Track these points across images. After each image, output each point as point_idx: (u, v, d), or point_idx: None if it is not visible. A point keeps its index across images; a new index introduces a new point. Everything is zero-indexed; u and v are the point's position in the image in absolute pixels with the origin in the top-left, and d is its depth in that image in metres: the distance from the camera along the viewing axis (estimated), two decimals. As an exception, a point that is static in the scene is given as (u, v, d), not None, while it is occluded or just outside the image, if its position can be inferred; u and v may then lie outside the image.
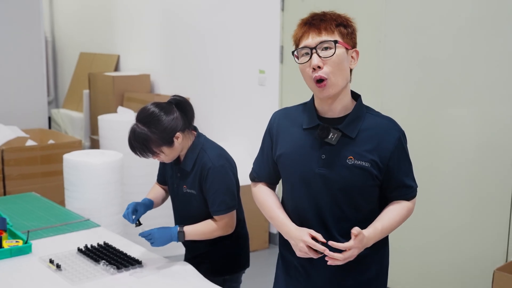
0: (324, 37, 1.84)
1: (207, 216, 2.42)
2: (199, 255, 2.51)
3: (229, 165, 2.42)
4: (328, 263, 1.83)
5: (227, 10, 5.26)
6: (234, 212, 2.42)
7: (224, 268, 2.53)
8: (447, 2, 3.45)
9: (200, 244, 2.48)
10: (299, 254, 1.91)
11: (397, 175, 1.94)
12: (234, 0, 5.17)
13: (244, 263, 2.60)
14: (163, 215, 2.73)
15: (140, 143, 2.33)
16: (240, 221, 2.54)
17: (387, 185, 1.95)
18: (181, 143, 2.39)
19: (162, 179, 2.65)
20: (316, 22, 1.87)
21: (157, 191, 2.66)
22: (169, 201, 2.66)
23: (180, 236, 2.37)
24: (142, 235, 2.37)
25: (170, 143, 2.35)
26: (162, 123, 2.32)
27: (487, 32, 3.28)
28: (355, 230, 1.81)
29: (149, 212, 2.62)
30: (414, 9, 3.62)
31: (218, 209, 2.37)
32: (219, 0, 5.35)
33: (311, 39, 1.85)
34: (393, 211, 1.96)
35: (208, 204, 2.40)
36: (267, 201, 2.07)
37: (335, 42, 1.84)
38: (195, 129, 2.48)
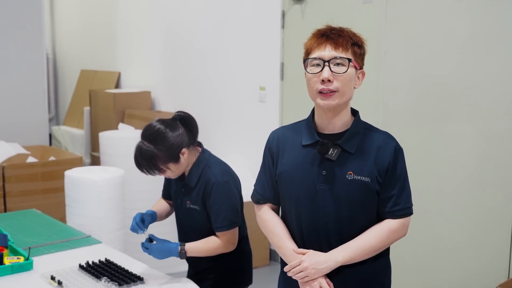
0: (340, 53, 1.86)
1: (210, 232, 2.42)
2: (202, 271, 2.51)
3: (233, 181, 2.42)
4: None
5: (228, 27, 5.29)
6: (237, 229, 2.42)
7: (227, 285, 2.52)
8: (446, 19, 3.48)
9: (203, 260, 2.47)
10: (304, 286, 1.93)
11: (388, 188, 1.93)
12: (234, 18, 5.21)
13: (246, 280, 2.59)
14: (168, 232, 2.72)
15: (146, 160, 2.34)
16: (244, 238, 2.54)
17: (379, 197, 1.94)
18: (187, 159, 2.39)
19: (167, 193, 2.65)
20: (334, 36, 1.88)
21: (161, 205, 2.65)
22: (173, 216, 2.66)
23: (182, 254, 2.36)
24: (143, 245, 2.36)
25: (176, 159, 2.35)
26: (168, 139, 2.33)
27: (486, 48, 3.30)
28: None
29: (154, 229, 2.62)
30: (413, 26, 3.65)
31: (221, 225, 2.36)
32: (220, 18, 5.38)
33: (327, 52, 1.86)
34: (371, 231, 1.94)
35: (211, 220, 2.40)
36: (275, 229, 2.04)
37: (349, 60, 1.85)
38: (199, 144, 2.49)
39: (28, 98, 5.85)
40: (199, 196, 2.40)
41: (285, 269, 1.95)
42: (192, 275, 2.54)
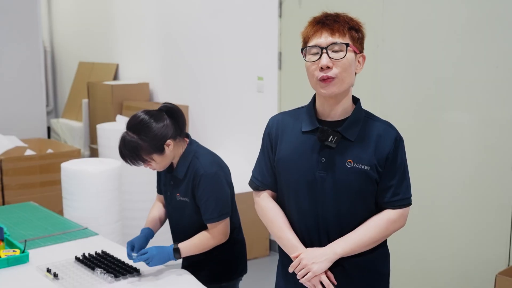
0: (337, 38, 1.83)
1: (200, 224, 2.39)
2: (196, 262, 2.49)
3: (222, 171, 2.39)
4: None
5: (225, 18, 5.26)
6: (228, 219, 2.39)
7: (221, 275, 2.51)
8: (445, 6, 3.44)
9: None
10: (306, 283, 1.90)
11: (388, 177, 1.91)
12: (231, 8, 5.17)
13: (241, 270, 2.58)
14: (165, 231, 2.68)
15: (130, 151, 2.31)
16: (236, 228, 2.52)
17: (378, 187, 1.92)
18: (173, 151, 2.37)
19: (160, 188, 2.63)
20: (330, 22, 1.86)
21: (154, 215, 2.59)
22: None
23: (176, 254, 2.33)
24: (139, 257, 2.30)
25: (160, 150, 2.33)
26: (152, 130, 2.30)
27: (484, 35, 3.27)
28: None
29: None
30: (411, 13, 3.62)
31: (211, 216, 2.34)
32: (217, 8, 5.35)
33: (323, 39, 1.84)
34: (369, 222, 1.92)
35: (201, 212, 2.38)
36: (276, 219, 2.01)
37: (347, 45, 1.83)
38: (187, 136, 2.46)
39: (26, 91, 5.83)
40: (188, 188, 2.38)
41: (290, 270, 1.94)
42: (186, 267, 2.52)
